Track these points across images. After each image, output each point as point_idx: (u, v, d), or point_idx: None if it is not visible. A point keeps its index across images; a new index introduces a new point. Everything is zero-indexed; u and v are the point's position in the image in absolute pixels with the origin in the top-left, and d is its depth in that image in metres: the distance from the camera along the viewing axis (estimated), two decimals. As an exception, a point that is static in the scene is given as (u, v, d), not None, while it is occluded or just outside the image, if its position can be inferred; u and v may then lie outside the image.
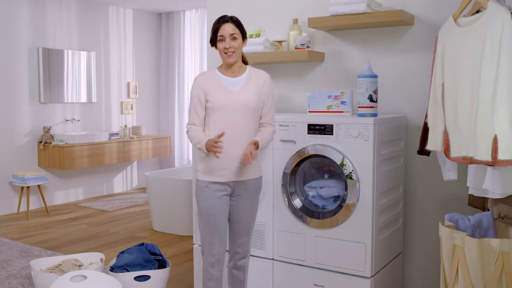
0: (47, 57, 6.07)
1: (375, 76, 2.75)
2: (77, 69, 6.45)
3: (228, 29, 2.54)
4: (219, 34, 2.56)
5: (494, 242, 2.01)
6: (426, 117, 2.43)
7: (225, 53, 2.56)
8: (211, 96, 2.56)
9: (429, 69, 3.05)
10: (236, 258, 2.75)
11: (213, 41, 2.60)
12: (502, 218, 2.47)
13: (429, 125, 2.35)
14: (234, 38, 2.55)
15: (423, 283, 3.21)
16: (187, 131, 2.63)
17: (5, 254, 4.19)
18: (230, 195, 2.65)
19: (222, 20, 2.56)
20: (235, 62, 2.60)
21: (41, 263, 3.42)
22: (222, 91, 2.57)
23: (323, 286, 2.82)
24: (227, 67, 2.63)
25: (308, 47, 3.27)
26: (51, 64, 6.13)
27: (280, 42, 3.39)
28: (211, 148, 2.48)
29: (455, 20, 2.26)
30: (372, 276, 2.70)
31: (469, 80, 2.12)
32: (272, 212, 2.95)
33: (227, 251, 2.80)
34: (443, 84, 2.28)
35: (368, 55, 3.25)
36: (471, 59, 2.11)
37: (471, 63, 2.11)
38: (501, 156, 1.96)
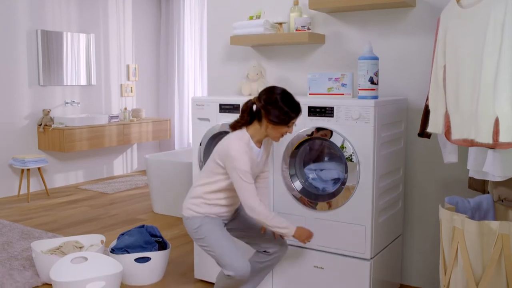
0: (46, 39, 6.03)
1: (376, 58, 2.73)
2: (76, 51, 6.42)
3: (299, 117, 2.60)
4: (292, 121, 2.51)
5: (494, 224, 2.01)
6: (427, 99, 2.42)
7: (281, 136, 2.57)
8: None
9: (430, 51, 3.03)
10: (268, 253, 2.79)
11: (282, 124, 2.50)
12: (502, 201, 2.48)
13: (430, 107, 2.34)
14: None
15: (423, 265, 3.23)
16: (257, 212, 2.50)
17: (6, 236, 4.21)
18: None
19: (300, 109, 2.53)
20: None
21: (42, 245, 3.43)
22: (254, 163, 2.58)
23: (322, 268, 2.83)
24: (262, 138, 2.61)
25: (308, 29, 3.24)
26: (50, 47, 6.09)
27: (280, 24, 3.36)
28: (306, 238, 2.62)
29: (457, 1, 2.23)
30: (371, 258, 2.71)
31: (471, 63, 2.11)
32: (272, 194, 2.96)
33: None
34: (444, 66, 2.26)
35: (369, 37, 3.22)
36: (473, 42, 2.09)
37: (473, 46, 2.10)
38: (502, 138, 1.96)
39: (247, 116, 2.56)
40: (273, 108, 2.47)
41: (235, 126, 2.61)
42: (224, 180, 2.59)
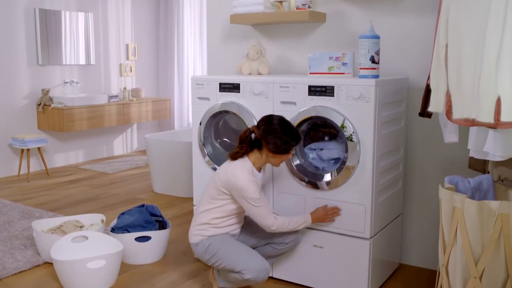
0: (44, 18, 5.98)
1: (377, 37, 2.71)
2: (75, 30, 6.36)
3: None
4: (293, 149, 2.58)
5: (494, 204, 2.01)
6: (428, 78, 2.40)
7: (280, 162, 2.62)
8: None
9: (432, 30, 3.00)
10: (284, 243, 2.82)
11: (282, 153, 2.56)
12: (502, 181, 2.47)
13: (432, 86, 2.32)
14: None
15: (422, 244, 3.24)
16: (275, 228, 2.59)
17: (7, 216, 4.22)
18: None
19: (300, 137, 2.61)
20: None
21: (43, 224, 3.44)
22: (258, 188, 2.60)
23: (322, 247, 2.84)
24: (262, 165, 2.65)
25: (309, 7, 3.21)
26: (48, 26, 6.04)
27: (281, 2, 3.32)
28: (328, 216, 2.72)
29: (460, -22, 2.20)
30: (371, 237, 2.72)
31: (473, 41, 2.08)
32: (272, 174, 2.95)
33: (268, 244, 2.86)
34: (446, 45, 2.23)
35: (371, 16, 3.19)
36: (476, 20, 2.07)
37: (476, 24, 2.07)
38: (504, 118, 1.94)
39: (247, 146, 2.61)
40: (273, 138, 2.52)
41: (235, 156, 2.63)
42: (231, 203, 2.64)
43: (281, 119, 2.57)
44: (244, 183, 2.52)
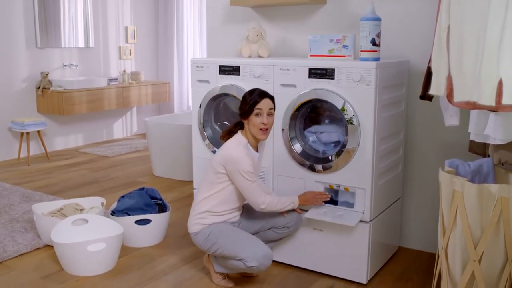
0: (43, 0, 5.92)
1: (379, 19, 2.68)
2: (74, 12, 6.31)
3: (266, 104, 2.56)
4: (257, 107, 2.55)
5: (494, 187, 2.01)
6: (429, 61, 2.38)
7: (261, 129, 2.57)
8: None
9: (434, 12, 2.97)
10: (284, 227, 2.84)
11: (248, 114, 2.57)
12: (502, 164, 2.47)
13: (433, 69, 2.30)
14: (270, 114, 2.60)
15: (421, 227, 3.25)
16: (265, 206, 2.61)
17: (7, 199, 4.22)
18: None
19: (261, 95, 2.57)
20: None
21: (43, 208, 3.45)
22: (254, 168, 2.61)
23: (322, 230, 2.85)
24: (254, 142, 2.67)
25: (310, -11, 3.18)
26: (47, 8, 5.98)
27: (281, -17, 3.29)
28: (316, 199, 2.72)
29: (463, -41, 2.17)
30: (370, 221, 2.72)
31: (475, 23, 2.06)
32: (272, 157, 2.95)
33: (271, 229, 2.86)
34: (448, 27, 2.21)
35: (372, -3, 3.16)
36: (478, 2, 2.05)
37: (478, 6, 2.05)
38: (505, 100, 1.93)
39: (236, 124, 2.70)
40: (240, 103, 2.62)
41: (225, 136, 2.70)
42: (229, 185, 2.64)
43: (251, 89, 2.64)
44: (239, 154, 2.55)
